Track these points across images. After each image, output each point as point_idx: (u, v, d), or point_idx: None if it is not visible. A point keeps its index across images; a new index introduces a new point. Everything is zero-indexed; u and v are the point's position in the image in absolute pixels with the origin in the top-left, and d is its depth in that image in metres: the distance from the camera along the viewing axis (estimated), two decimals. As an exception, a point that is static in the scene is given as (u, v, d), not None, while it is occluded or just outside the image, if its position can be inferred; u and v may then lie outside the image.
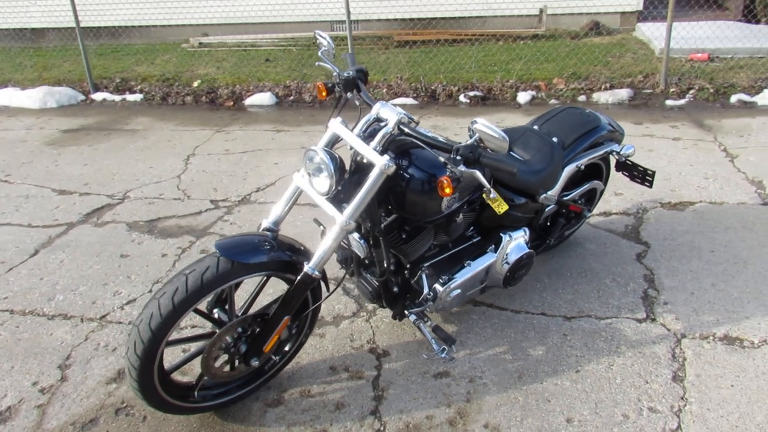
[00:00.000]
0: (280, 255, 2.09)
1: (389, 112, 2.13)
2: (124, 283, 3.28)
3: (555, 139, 2.84)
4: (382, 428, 2.25)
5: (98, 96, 7.21)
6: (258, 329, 2.18)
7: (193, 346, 2.39)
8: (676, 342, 2.63)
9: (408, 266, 2.55)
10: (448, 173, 1.98)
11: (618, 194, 4.03)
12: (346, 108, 2.44)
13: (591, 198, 3.27)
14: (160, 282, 3.28)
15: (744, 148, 4.74)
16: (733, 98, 6.01)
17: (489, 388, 2.42)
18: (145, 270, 3.41)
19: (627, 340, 2.65)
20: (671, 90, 6.23)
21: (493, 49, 7.80)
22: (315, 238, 3.12)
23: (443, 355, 2.43)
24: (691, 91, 6.18)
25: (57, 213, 4.15)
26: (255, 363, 2.17)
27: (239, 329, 2.15)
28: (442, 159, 2.00)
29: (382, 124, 2.17)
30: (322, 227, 2.57)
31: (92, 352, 2.74)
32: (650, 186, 3.11)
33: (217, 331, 2.13)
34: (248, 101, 6.85)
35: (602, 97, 6.27)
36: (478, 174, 1.96)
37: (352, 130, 2.19)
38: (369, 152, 2.06)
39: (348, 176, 2.19)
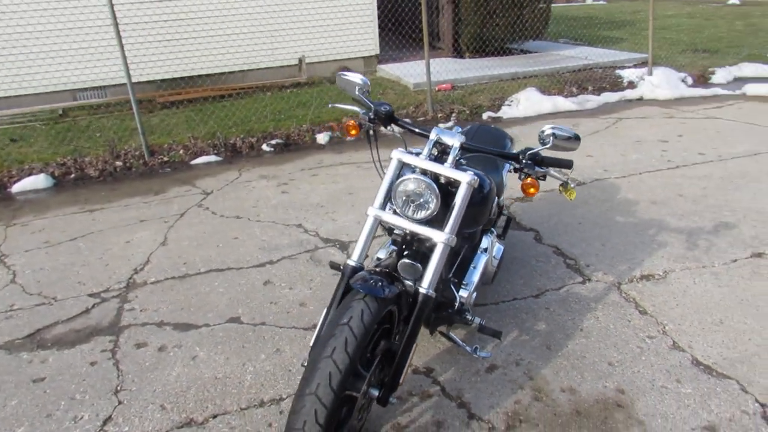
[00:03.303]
0: (397, 286, 2.12)
1: (449, 135, 2.34)
2: (76, 406, 2.68)
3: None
4: (491, 426, 2.41)
5: None
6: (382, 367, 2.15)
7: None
8: (617, 289, 3.34)
9: None
10: (523, 176, 2.30)
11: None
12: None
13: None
14: (121, 390, 2.77)
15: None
16: (484, 116, 7.40)
17: (537, 365, 2.76)
18: (87, 385, 2.82)
19: (588, 298, 3.27)
20: (439, 115, 7.36)
21: (266, 99, 8.04)
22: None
23: (479, 354, 2.69)
24: (453, 114, 7.41)
25: None
26: (393, 401, 2.12)
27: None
28: (516, 165, 2.31)
29: (434, 147, 2.38)
30: (342, 267, 2.59)
31: (117, 484, 2.24)
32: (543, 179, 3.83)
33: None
34: (16, 188, 5.80)
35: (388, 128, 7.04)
36: (553, 171, 2.33)
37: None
38: (451, 171, 2.25)
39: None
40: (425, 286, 2.18)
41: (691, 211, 4.25)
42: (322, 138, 6.82)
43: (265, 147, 6.64)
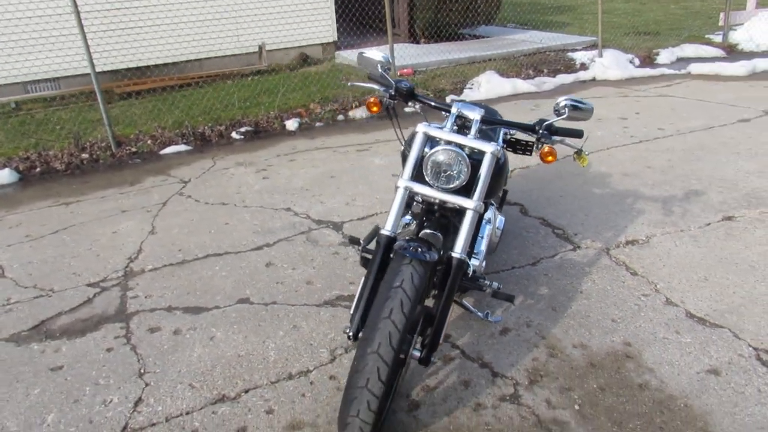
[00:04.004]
0: (434, 252, 2.24)
1: (470, 109, 2.47)
2: (102, 390, 2.68)
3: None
4: (516, 381, 2.58)
5: None
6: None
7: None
8: (606, 254, 3.57)
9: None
10: (540, 145, 2.46)
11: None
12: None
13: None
14: (146, 373, 2.78)
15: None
16: (447, 99, 7.57)
17: (546, 325, 2.95)
18: (108, 370, 2.82)
19: (582, 263, 3.48)
20: (405, 99, 7.47)
21: (230, 87, 7.95)
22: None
23: (491, 318, 2.85)
24: (419, 98, 7.53)
25: None
26: (434, 360, 2.25)
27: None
28: (535, 136, 2.46)
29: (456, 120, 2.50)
30: (361, 244, 2.70)
31: (164, 460, 2.28)
32: (531, 155, 4.02)
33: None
34: (-22, 183, 5.58)
35: (357, 113, 7.13)
36: (568, 140, 2.49)
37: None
38: (476, 143, 2.38)
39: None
40: (458, 250, 2.30)
41: (662, 181, 4.54)
42: (291, 124, 6.83)
43: (234, 135, 6.60)
